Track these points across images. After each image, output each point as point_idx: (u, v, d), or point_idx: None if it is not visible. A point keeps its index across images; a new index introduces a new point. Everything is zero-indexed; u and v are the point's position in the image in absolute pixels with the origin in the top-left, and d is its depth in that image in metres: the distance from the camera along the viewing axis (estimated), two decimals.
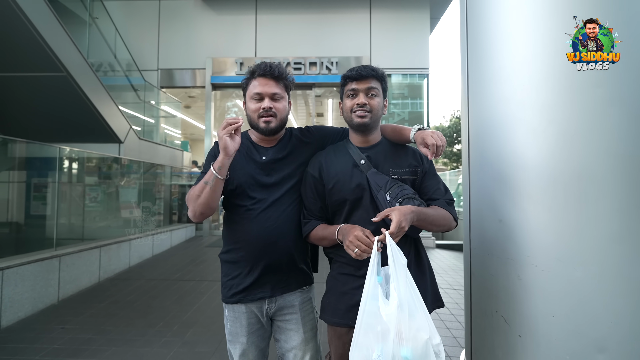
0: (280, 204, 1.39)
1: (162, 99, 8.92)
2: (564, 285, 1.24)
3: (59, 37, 4.26)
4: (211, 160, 1.36)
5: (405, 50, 8.30)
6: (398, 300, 1.04)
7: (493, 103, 1.50)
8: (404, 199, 1.25)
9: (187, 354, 2.64)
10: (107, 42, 6.41)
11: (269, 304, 1.41)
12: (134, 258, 5.47)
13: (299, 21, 8.46)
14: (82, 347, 2.74)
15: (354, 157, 1.37)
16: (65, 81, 4.49)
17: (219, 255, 1.46)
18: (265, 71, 1.38)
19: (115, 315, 3.40)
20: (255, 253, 1.36)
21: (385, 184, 1.29)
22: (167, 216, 7.70)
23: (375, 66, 1.38)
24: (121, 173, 6.32)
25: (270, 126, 1.37)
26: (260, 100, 1.38)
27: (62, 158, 4.90)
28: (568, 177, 1.26)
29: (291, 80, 1.45)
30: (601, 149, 1.23)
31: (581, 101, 1.27)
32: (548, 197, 1.28)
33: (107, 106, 5.42)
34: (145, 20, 8.56)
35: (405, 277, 1.09)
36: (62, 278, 3.87)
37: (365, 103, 1.33)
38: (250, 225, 1.35)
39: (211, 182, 1.26)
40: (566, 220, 1.24)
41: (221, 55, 8.48)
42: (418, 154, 1.43)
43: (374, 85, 1.35)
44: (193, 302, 3.78)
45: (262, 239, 1.35)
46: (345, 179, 1.34)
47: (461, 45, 1.80)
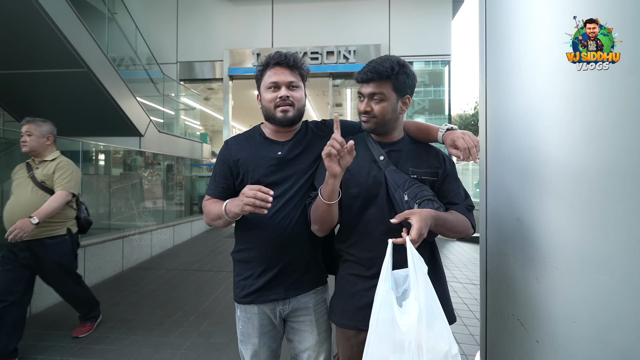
0: (296, 201, 1.32)
1: (181, 92, 9.06)
2: (587, 289, 1.15)
3: (79, 33, 4.35)
4: (221, 167, 1.35)
5: (426, 36, 8.02)
6: (419, 310, 0.99)
7: (512, 94, 1.40)
8: (422, 201, 1.19)
9: (203, 345, 2.69)
10: (126, 36, 6.52)
11: (282, 306, 1.36)
12: (155, 248, 5.63)
13: (316, 10, 8.32)
14: (104, 334, 2.85)
15: (373, 152, 1.31)
16: (86, 76, 4.60)
17: (232, 254, 1.42)
18: (279, 60, 1.32)
19: (136, 304, 3.52)
20: (269, 254, 1.31)
21: (403, 183, 1.23)
22: (187, 207, 7.88)
23: (389, 61, 1.24)
24: (143, 165, 6.48)
25: (288, 115, 1.31)
26: (276, 89, 1.32)
27: (86, 151, 5.07)
28: (594, 173, 1.16)
29: (306, 70, 1.39)
30: (631, 144, 1.13)
31: (611, 91, 1.16)
32: (571, 194, 1.19)
33: (127, 100, 5.54)
34: (163, 14, 8.66)
35: (426, 284, 1.03)
36: (87, 267, 4.02)
37: (368, 110, 1.25)
38: (264, 225, 1.29)
39: (224, 220, 1.25)
40: (590, 220, 1.15)
41: (238, 46, 8.49)
42: (441, 155, 1.36)
43: (377, 90, 1.23)
44: (210, 292, 3.86)
45: (276, 239, 1.30)
46: (361, 173, 1.27)
47: (479, 31, 1.69)
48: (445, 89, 8.37)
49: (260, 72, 1.37)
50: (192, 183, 8.32)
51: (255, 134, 1.40)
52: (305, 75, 1.40)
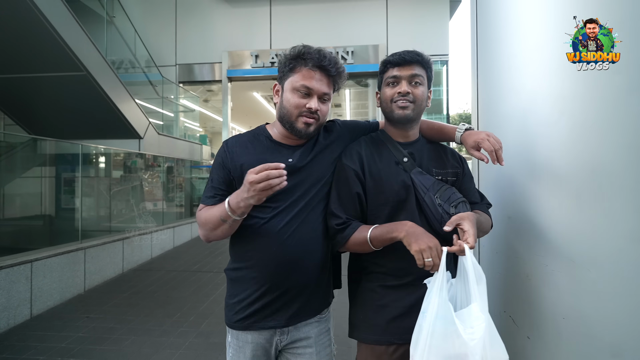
0: (306, 215, 1.15)
1: (181, 94, 9.09)
2: (577, 286, 1.17)
3: (77, 37, 4.38)
4: (219, 172, 1.15)
5: (424, 36, 8.05)
6: (486, 322, 0.93)
7: (503, 93, 1.43)
8: (458, 204, 1.13)
9: (202, 345, 2.72)
10: (125, 40, 6.56)
11: (280, 336, 1.17)
12: (155, 250, 5.66)
13: (314, 11, 8.35)
14: (104, 335, 2.88)
15: (395, 154, 1.21)
16: (85, 80, 4.63)
17: (225, 271, 1.23)
18: (321, 63, 1.13)
19: (136, 305, 3.54)
20: (272, 275, 1.12)
21: (432, 186, 1.15)
22: (187, 208, 7.91)
23: (420, 52, 1.21)
24: (143, 167, 6.51)
25: (309, 130, 1.14)
26: (306, 96, 1.13)
27: (86, 154, 5.10)
28: (582, 171, 1.18)
29: (342, 82, 1.22)
30: (618, 142, 1.15)
31: (598, 90, 1.18)
32: (560, 193, 1.21)
33: (127, 103, 5.57)
34: (162, 17, 8.70)
35: (486, 295, 0.98)
36: (87, 269, 4.05)
37: (408, 92, 1.15)
38: (268, 242, 1.11)
39: (231, 222, 1.05)
40: (579, 217, 1.17)
41: (237, 48, 8.52)
42: (457, 155, 1.30)
43: (418, 72, 1.17)
44: (210, 293, 3.88)
45: (283, 258, 1.11)
46: (388, 177, 1.17)
47: (471, 32, 1.71)
48: (444, 89, 8.40)
49: (291, 66, 1.16)
50: (191, 185, 8.35)
51: (261, 135, 1.21)
52: (339, 88, 1.23)
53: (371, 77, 8.86)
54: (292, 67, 1.15)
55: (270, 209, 1.12)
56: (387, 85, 1.20)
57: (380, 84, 1.25)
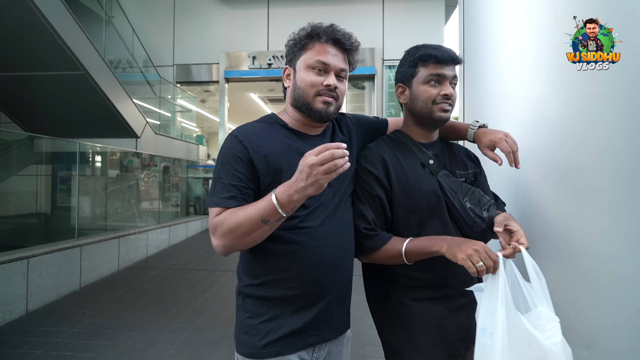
0: (340, 212, 1.04)
1: (178, 94, 9.13)
2: (552, 281, 1.24)
3: (76, 37, 4.43)
4: (236, 166, 0.95)
5: (419, 40, 7.91)
6: (559, 323, 0.89)
7: (487, 98, 1.50)
8: (489, 207, 1.08)
9: (196, 340, 2.77)
10: (123, 39, 6.60)
11: (317, 352, 1.02)
12: (151, 248, 5.69)
13: (311, 14, 8.43)
14: (100, 331, 2.91)
15: (419, 156, 1.12)
16: (83, 79, 4.67)
17: (241, 289, 1.03)
18: (335, 37, 1.03)
19: (131, 302, 3.58)
20: (315, 282, 0.98)
21: (460, 189, 1.09)
22: (183, 208, 7.94)
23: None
24: (140, 167, 6.54)
25: (329, 110, 1.02)
26: (323, 73, 1.02)
27: (83, 153, 5.13)
28: (558, 172, 1.26)
29: (358, 60, 1.11)
30: (592, 145, 1.22)
31: (573, 96, 1.26)
32: (538, 194, 1.28)
33: (124, 102, 5.61)
34: (160, 17, 8.75)
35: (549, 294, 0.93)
36: (83, 266, 4.08)
37: (453, 94, 1.07)
38: (309, 244, 0.97)
39: (275, 222, 0.88)
40: (554, 216, 1.24)
41: (234, 49, 8.59)
42: (472, 155, 1.23)
43: (456, 73, 1.10)
44: (204, 290, 3.93)
45: (327, 260, 0.99)
46: (416, 181, 1.07)
47: (459, 38, 1.79)
48: None
49: (302, 44, 1.05)
50: (187, 184, 8.38)
51: (274, 124, 1.07)
52: (355, 64, 1.11)
53: (367, 80, 8.95)
54: (304, 45, 1.05)
55: (306, 209, 0.98)
56: (426, 83, 1.08)
57: (410, 78, 1.11)
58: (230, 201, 0.92)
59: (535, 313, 0.90)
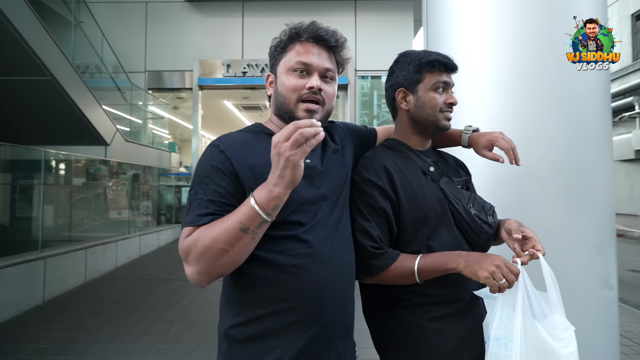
0: (341, 229, 0.93)
1: (150, 100, 8.95)
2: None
3: (43, 41, 4.30)
4: (217, 180, 0.82)
5: (390, 52, 8.32)
6: (574, 331, 0.87)
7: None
8: (492, 212, 1.07)
9: (171, 350, 2.74)
10: (92, 45, 6.43)
11: None
12: (120, 259, 5.51)
13: (285, 24, 8.57)
14: (67, 345, 2.81)
15: (419, 163, 1.07)
16: (50, 85, 4.52)
17: (227, 332, 0.87)
18: (317, 34, 0.93)
19: (101, 314, 3.47)
20: (322, 310, 0.85)
21: (462, 195, 1.05)
22: (155, 217, 7.74)
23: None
24: (108, 175, 6.35)
25: (313, 118, 0.89)
26: (304, 74, 0.91)
27: (48, 161, 4.94)
28: (510, 180, 1.41)
29: (346, 58, 1.01)
30: (537, 156, 1.39)
31: (520, 114, 1.43)
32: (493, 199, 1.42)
33: (93, 109, 5.46)
34: (132, 23, 8.59)
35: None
36: (47, 279, 3.91)
37: (457, 103, 1.06)
38: (309, 270, 0.84)
39: (256, 229, 0.75)
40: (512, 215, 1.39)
41: (208, 57, 8.55)
42: (461, 162, 1.22)
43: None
44: (178, 300, 3.87)
45: (332, 289, 0.87)
46: (421, 190, 1.01)
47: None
48: None
49: (283, 47, 0.96)
50: (159, 193, 8.19)
51: (261, 133, 0.96)
52: (343, 64, 1.01)
53: (341, 90, 9.16)
54: (284, 47, 0.96)
55: (303, 226, 0.86)
56: (434, 90, 1.03)
57: (416, 83, 1.05)
58: (206, 218, 0.79)
59: (550, 321, 0.88)
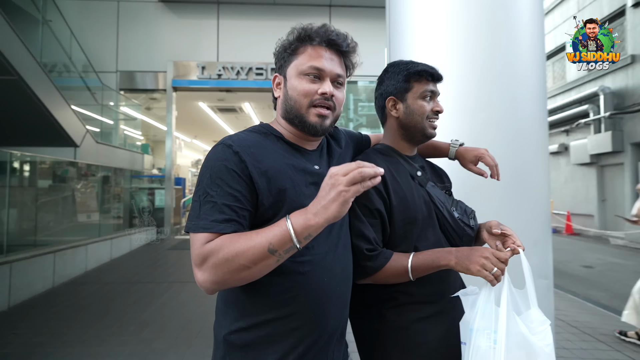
0: (341, 234, 0.94)
1: (122, 101, 8.75)
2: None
3: (8, 39, 4.17)
4: (232, 182, 0.80)
5: (364, 58, 8.43)
6: (549, 325, 0.90)
7: None
8: (474, 215, 1.12)
9: (144, 351, 2.76)
10: (61, 43, 6.25)
11: None
12: (90, 262, 5.40)
13: (261, 27, 8.63)
14: (34, 350, 2.78)
15: (408, 168, 1.12)
16: (16, 84, 4.39)
17: (227, 337, 0.86)
18: (330, 38, 0.92)
19: (70, 318, 3.43)
20: (322, 318, 0.86)
21: (446, 199, 1.11)
22: (126, 220, 7.59)
23: None
24: (76, 177, 6.19)
25: (324, 124, 0.91)
26: (317, 80, 0.91)
27: (13, 162, 4.78)
28: (457, 184, 1.59)
29: (355, 62, 1.01)
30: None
31: (465, 125, 1.62)
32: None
33: (62, 109, 5.32)
34: (103, 22, 8.39)
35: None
36: (13, 284, 3.81)
37: (443, 111, 1.11)
38: (313, 277, 0.85)
39: (284, 253, 0.75)
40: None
41: (183, 58, 8.48)
42: (441, 169, 1.27)
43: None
44: (151, 303, 3.86)
45: (334, 295, 0.88)
46: (410, 193, 1.06)
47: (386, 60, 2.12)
48: None
49: (293, 48, 0.94)
50: (131, 195, 8.03)
51: (270, 135, 0.94)
52: (352, 68, 1.01)
53: None
54: (295, 49, 0.94)
55: None
56: (422, 99, 1.08)
57: (404, 92, 1.09)
58: (225, 225, 0.77)
59: (527, 315, 0.90)
